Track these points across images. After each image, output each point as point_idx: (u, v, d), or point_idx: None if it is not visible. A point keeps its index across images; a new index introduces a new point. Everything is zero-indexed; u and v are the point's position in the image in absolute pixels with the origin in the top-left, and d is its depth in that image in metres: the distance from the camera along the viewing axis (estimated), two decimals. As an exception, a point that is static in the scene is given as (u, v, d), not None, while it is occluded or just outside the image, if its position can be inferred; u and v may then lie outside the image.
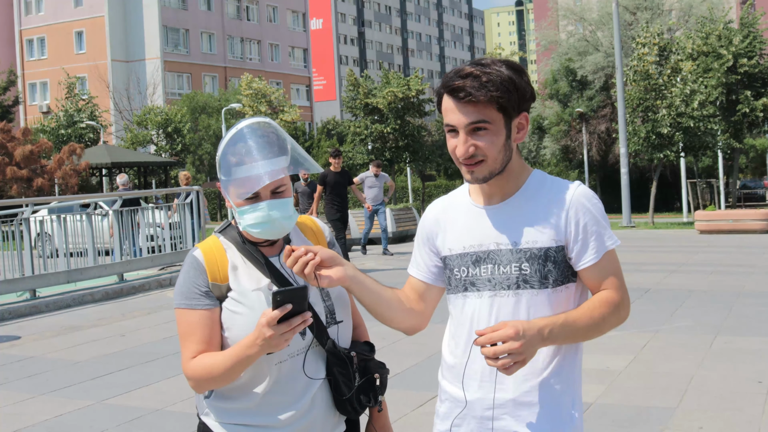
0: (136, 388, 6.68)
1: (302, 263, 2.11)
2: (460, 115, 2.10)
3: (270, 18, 75.52)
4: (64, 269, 12.46)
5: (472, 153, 2.11)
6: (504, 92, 2.08)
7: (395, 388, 6.21)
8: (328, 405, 2.32)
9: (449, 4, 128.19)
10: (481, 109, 2.08)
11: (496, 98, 2.07)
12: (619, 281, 2.21)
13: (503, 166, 2.16)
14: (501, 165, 2.15)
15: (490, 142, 2.10)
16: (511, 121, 2.14)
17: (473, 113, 2.09)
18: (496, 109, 2.09)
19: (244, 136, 2.22)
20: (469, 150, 2.11)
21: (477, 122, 2.09)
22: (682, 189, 29.32)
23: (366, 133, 38.86)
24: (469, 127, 2.10)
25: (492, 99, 2.07)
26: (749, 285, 11.23)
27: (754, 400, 5.75)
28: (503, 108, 2.09)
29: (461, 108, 2.09)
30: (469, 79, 2.07)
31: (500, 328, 1.99)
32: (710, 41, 31.95)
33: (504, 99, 2.08)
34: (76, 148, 33.06)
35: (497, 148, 2.12)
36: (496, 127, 2.11)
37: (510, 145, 2.16)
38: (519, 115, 2.15)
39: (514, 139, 2.16)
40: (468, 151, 2.11)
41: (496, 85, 2.07)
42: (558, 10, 51.67)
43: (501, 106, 2.09)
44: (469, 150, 2.11)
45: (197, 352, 2.24)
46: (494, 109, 2.09)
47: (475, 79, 2.07)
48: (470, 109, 2.09)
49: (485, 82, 2.07)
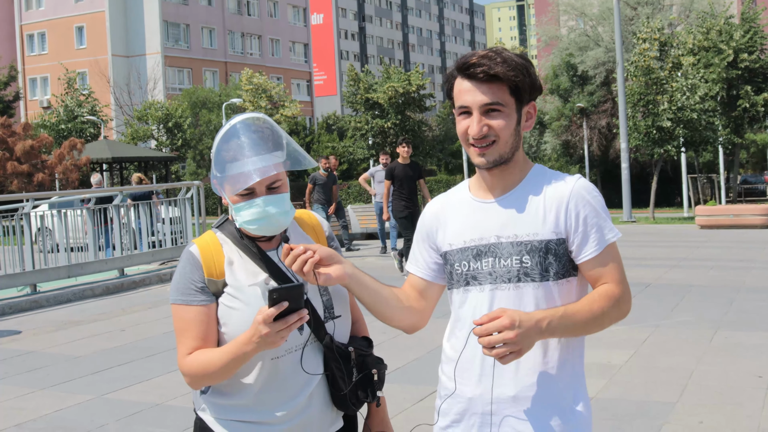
0: (136, 383, 6.68)
1: (301, 261, 2.11)
2: (476, 94, 2.12)
3: (270, 13, 75.43)
4: (65, 264, 12.47)
5: (486, 132, 2.13)
6: (519, 74, 2.11)
7: (396, 383, 6.21)
8: (325, 400, 2.31)
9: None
10: (496, 91, 2.11)
11: (512, 78, 2.10)
12: (620, 275, 2.20)
13: (512, 152, 2.17)
14: (510, 150, 2.16)
15: (503, 124, 2.13)
16: (522, 107, 2.17)
17: (489, 94, 2.11)
18: (509, 93, 2.12)
19: (238, 132, 2.21)
20: (483, 129, 2.12)
21: (492, 103, 2.12)
22: (683, 184, 29.33)
23: (366, 128, 38.87)
24: (484, 108, 2.12)
25: (508, 78, 2.10)
26: (749, 280, 11.23)
27: (754, 394, 5.75)
28: (516, 92, 2.13)
29: (478, 87, 2.12)
30: (486, 59, 2.11)
31: (498, 316, 1.99)
32: (711, 36, 31.90)
33: (520, 80, 2.11)
34: (77, 143, 33.02)
35: (509, 131, 2.14)
36: (510, 110, 2.14)
37: (519, 131, 2.18)
38: (529, 104, 2.19)
39: (523, 126, 2.19)
40: (482, 131, 2.12)
41: (511, 66, 2.11)
42: (559, 5, 51.62)
43: (515, 89, 2.12)
44: (483, 129, 2.12)
45: (193, 348, 2.24)
46: (508, 93, 2.12)
47: (492, 59, 2.11)
48: (486, 89, 2.11)
49: (501, 62, 2.10)
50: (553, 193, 2.18)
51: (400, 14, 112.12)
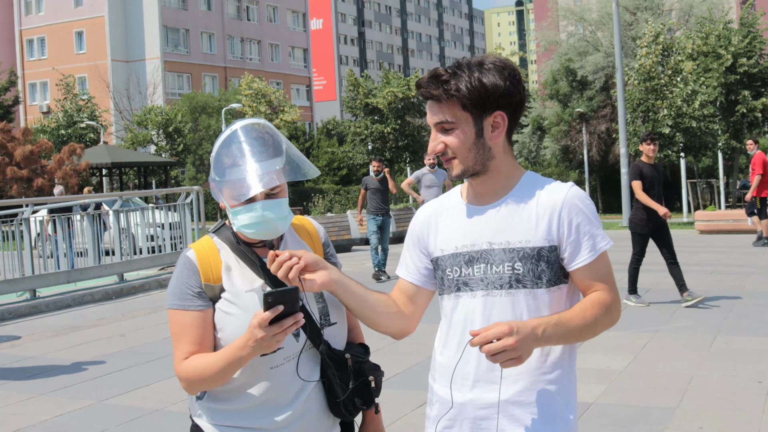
0: (135, 388, 6.68)
1: (286, 268, 2.11)
2: (429, 115, 2.19)
3: (270, 18, 75.49)
4: (65, 269, 12.46)
5: (440, 150, 2.18)
6: (468, 91, 2.10)
7: (395, 388, 6.21)
8: (321, 407, 2.31)
9: (449, 4, 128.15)
10: (445, 109, 2.14)
11: (457, 97, 2.11)
12: (611, 283, 2.21)
13: (481, 164, 2.17)
14: (476, 163, 2.17)
15: (457, 140, 2.15)
16: (482, 119, 2.15)
17: (438, 113, 2.16)
18: (461, 108, 2.13)
19: (239, 137, 2.22)
20: (437, 147, 2.18)
21: (441, 122, 2.16)
22: (682, 189, 29.28)
23: (366, 133, 38.86)
24: (438, 126, 2.17)
25: (452, 98, 2.12)
26: (749, 285, 11.22)
27: (754, 400, 5.75)
28: (467, 107, 2.12)
29: (430, 108, 2.18)
30: (433, 80, 2.14)
31: (494, 328, 2.00)
32: (710, 41, 31.94)
33: (466, 97, 2.11)
34: (77, 148, 33.05)
35: (466, 146, 2.15)
36: (464, 125, 2.14)
37: (484, 143, 2.16)
38: (492, 114, 2.15)
39: (489, 137, 2.16)
40: (436, 149, 2.19)
41: (457, 85, 2.11)
42: (558, 11, 51.62)
43: (464, 105, 2.12)
44: (437, 147, 2.19)
45: (189, 353, 2.24)
46: (459, 109, 2.13)
47: (437, 79, 2.13)
48: (436, 109, 2.16)
49: (444, 82, 2.12)
50: (546, 201, 2.18)
51: (399, 19, 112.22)
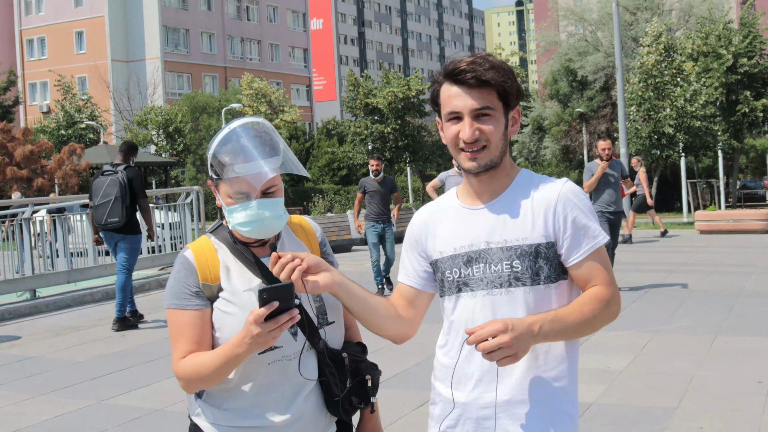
0: (136, 388, 6.68)
1: (289, 269, 2.11)
2: (467, 99, 2.14)
3: (270, 18, 75.50)
4: (64, 269, 12.46)
5: (477, 137, 2.14)
6: (507, 78, 2.14)
7: (396, 388, 6.22)
8: (319, 406, 2.31)
9: (449, 4, 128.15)
10: (486, 96, 2.14)
11: (501, 83, 2.12)
12: (609, 277, 2.21)
13: (501, 157, 2.19)
14: (499, 155, 2.18)
15: (493, 128, 2.15)
16: (509, 111, 2.19)
17: (479, 99, 2.13)
18: (497, 98, 2.15)
19: (237, 136, 2.22)
20: (475, 133, 2.14)
21: (483, 108, 2.14)
22: (683, 189, 29.25)
23: (366, 133, 38.87)
24: (475, 113, 2.14)
25: (498, 83, 2.12)
26: (749, 285, 11.22)
27: (754, 400, 5.74)
28: (504, 96, 2.15)
29: (468, 92, 2.14)
30: (475, 64, 2.13)
31: (489, 326, 2.00)
32: (710, 41, 31.93)
33: (508, 84, 2.14)
34: (77, 148, 33.07)
35: (498, 136, 2.16)
36: (499, 115, 2.16)
37: (506, 136, 2.20)
38: (514, 108, 2.21)
39: (509, 131, 2.21)
40: (474, 134, 2.14)
41: (499, 71, 2.13)
42: (558, 11, 51.60)
43: (502, 93, 2.14)
44: (474, 133, 2.14)
45: (187, 352, 2.24)
46: (496, 98, 2.15)
47: (480, 65, 2.13)
48: (476, 95, 2.13)
49: (490, 68, 2.12)
50: (541, 197, 2.19)
51: (399, 19, 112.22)
